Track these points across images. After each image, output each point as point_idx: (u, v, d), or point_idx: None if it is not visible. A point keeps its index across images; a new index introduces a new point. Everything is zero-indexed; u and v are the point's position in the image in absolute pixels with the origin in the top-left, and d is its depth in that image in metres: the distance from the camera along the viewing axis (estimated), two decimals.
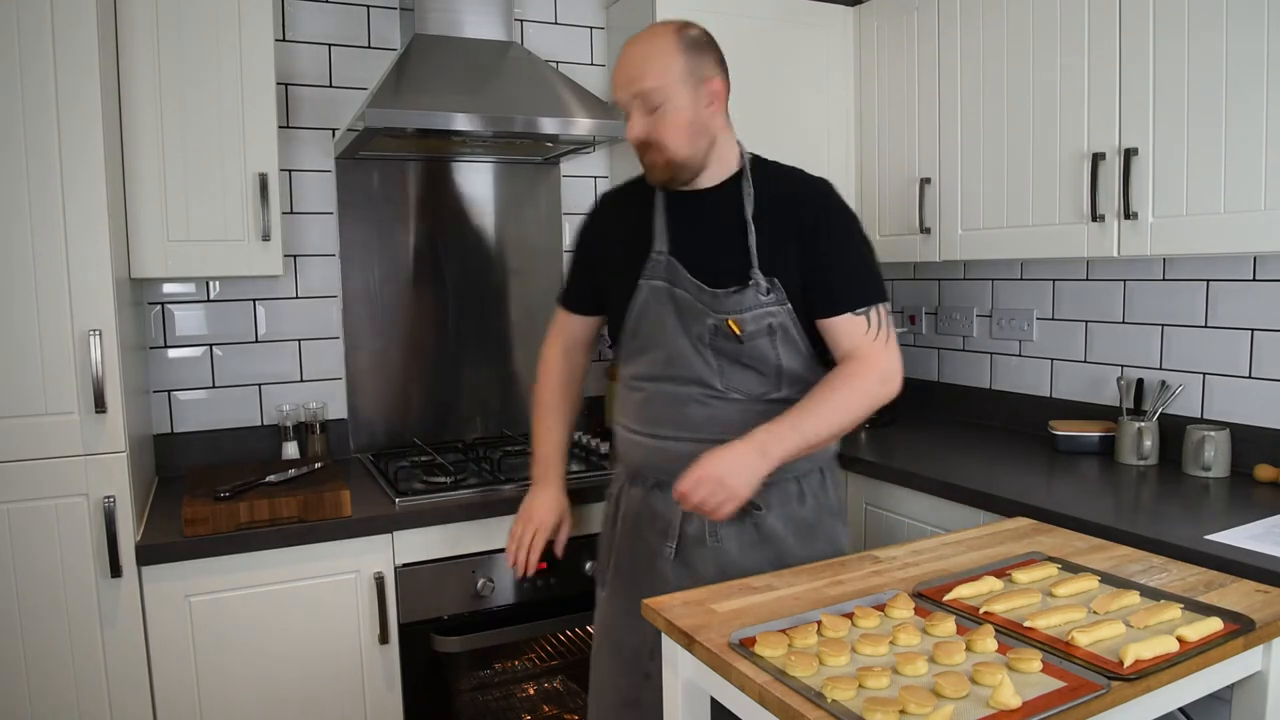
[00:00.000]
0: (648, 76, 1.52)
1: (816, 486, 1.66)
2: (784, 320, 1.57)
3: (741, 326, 1.56)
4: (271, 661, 1.85)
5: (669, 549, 1.63)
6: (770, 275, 1.56)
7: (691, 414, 1.61)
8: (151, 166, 1.93)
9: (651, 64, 1.53)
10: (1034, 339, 2.52)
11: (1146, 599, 1.28)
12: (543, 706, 2.34)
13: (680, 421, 1.62)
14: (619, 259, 1.70)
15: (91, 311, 1.67)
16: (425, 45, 2.22)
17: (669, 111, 1.53)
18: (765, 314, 1.56)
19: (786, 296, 1.56)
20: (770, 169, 1.64)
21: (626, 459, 1.73)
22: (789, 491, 1.62)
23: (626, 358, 1.72)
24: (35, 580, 1.67)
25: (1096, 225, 1.95)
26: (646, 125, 1.54)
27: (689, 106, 1.54)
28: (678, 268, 1.61)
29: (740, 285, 1.56)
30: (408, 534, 1.93)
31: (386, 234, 2.48)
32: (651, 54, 1.53)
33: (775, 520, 1.61)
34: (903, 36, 2.45)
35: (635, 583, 1.66)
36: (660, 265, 1.63)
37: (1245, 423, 2.00)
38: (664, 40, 1.54)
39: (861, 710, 0.98)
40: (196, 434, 2.32)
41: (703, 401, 1.61)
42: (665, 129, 1.53)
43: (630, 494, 1.71)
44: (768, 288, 1.56)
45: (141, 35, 1.90)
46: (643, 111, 1.54)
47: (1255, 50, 1.65)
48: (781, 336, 1.58)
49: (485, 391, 2.61)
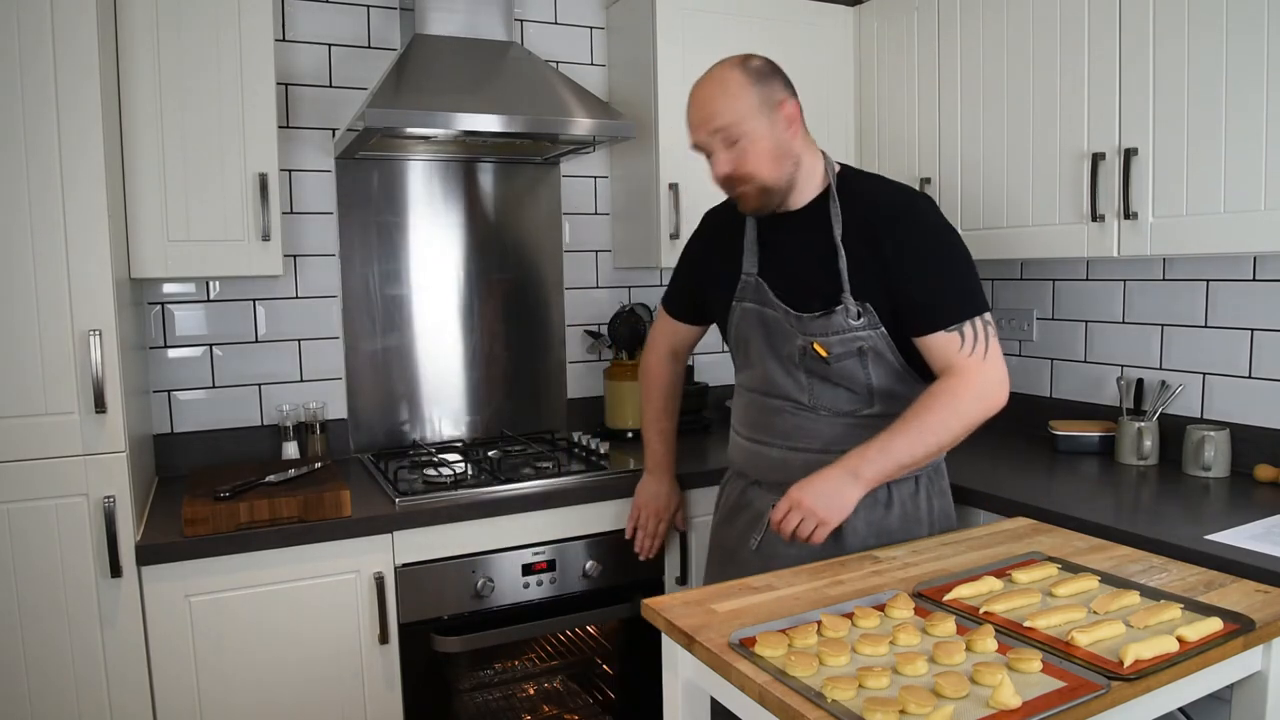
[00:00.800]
0: (722, 114, 1.55)
1: (908, 496, 1.66)
2: (875, 343, 1.58)
3: (828, 349, 1.58)
4: (271, 661, 1.84)
5: (755, 540, 1.70)
6: (861, 299, 1.56)
7: (782, 423, 1.67)
8: (151, 166, 1.93)
9: (724, 101, 1.55)
10: (1034, 339, 2.52)
11: (1146, 599, 1.28)
12: (543, 706, 2.34)
13: (773, 429, 1.69)
14: (716, 278, 1.76)
15: (91, 311, 1.67)
16: (425, 45, 2.22)
17: (749, 144, 1.56)
18: (854, 338, 1.57)
19: (879, 320, 1.56)
20: (858, 184, 1.65)
21: (731, 456, 1.83)
22: (876, 497, 1.62)
23: (737, 367, 1.81)
24: (35, 580, 1.67)
25: (1096, 225, 1.95)
26: (730, 160, 1.57)
27: (768, 134, 1.56)
28: (765, 290, 1.65)
29: (826, 309, 1.57)
30: (408, 534, 1.93)
31: (386, 234, 2.48)
32: (721, 92, 1.56)
33: (859, 524, 1.61)
34: (903, 36, 2.45)
35: (723, 569, 1.77)
36: (750, 287, 1.68)
37: (1245, 423, 2.00)
38: (730, 75, 1.57)
39: (861, 710, 0.98)
40: (196, 434, 2.32)
41: (793, 413, 1.66)
42: (748, 161, 1.56)
43: (732, 486, 1.83)
44: (858, 312, 1.56)
45: (141, 35, 1.90)
46: (724, 148, 1.57)
47: (1255, 50, 1.65)
48: (873, 358, 1.59)
49: (485, 391, 2.61)
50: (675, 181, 2.41)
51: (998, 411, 1.55)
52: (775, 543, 1.65)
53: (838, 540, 1.61)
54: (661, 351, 2.00)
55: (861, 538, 1.62)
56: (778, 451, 1.68)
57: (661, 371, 2.00)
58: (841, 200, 1.61)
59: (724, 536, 1.82)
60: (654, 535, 2.06)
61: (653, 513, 2.05)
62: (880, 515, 1.63)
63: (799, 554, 1.59)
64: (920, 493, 1.67)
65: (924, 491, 1.68)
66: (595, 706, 2.32)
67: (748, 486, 1.77)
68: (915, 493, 1.66)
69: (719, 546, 1.84)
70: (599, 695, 2.32)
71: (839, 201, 1.61)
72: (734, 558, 1.76)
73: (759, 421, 1.71)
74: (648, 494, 2.05)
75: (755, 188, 1.58)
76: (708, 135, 1.58)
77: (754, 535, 1.71)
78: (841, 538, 1.61)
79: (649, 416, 2.03)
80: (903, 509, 1.65)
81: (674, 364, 2.00)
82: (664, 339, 1.99)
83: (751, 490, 1.75)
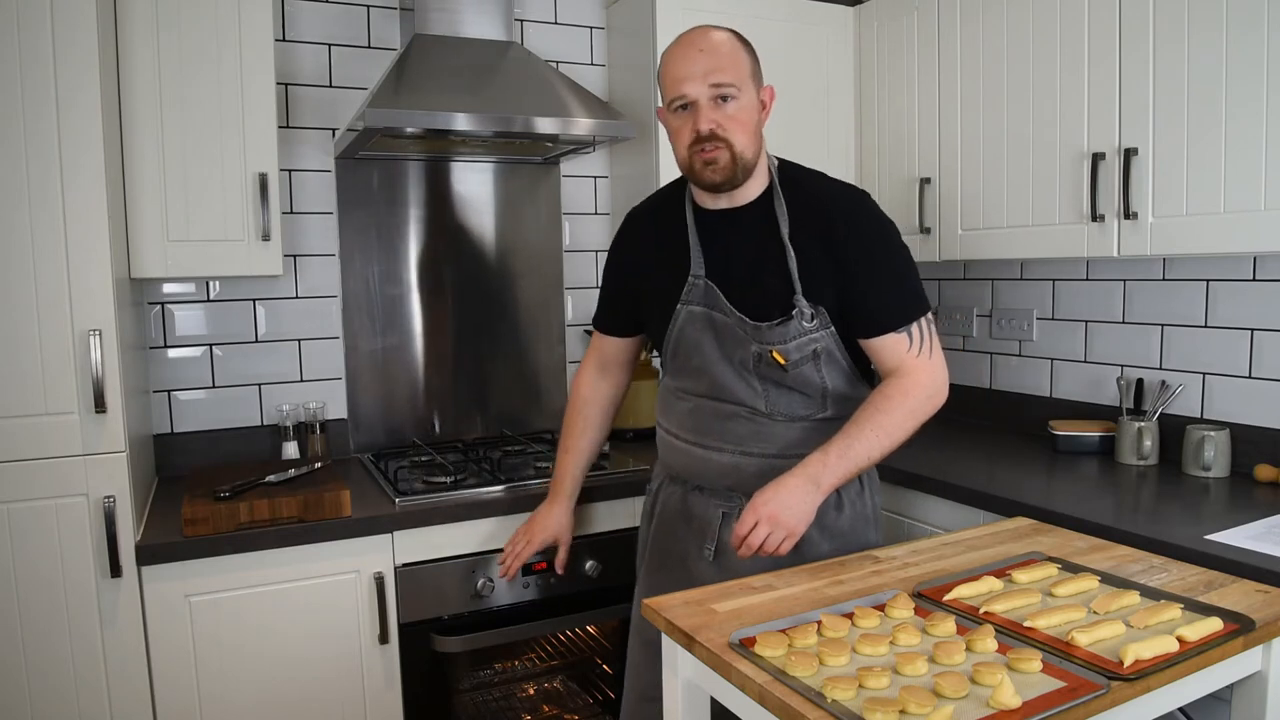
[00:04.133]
0: (727, 70, 1.49)
1: (855, 495, 1.65)
2: (828, 344, 1.56)
3: (786, 356, 1.55)
4: (271, 661, 1.85)
5: (709, 550, 1.64)
6: (813, 299, 1.54)
7: (736, 429, 1.62)
8: (151, 166, 1.93)
9: (730, 58, 1.50)
10: (1034, 339, 2.52)
11: (1146, 599, 1.28)
12: (543, 706, 2.34)
13: (725, 434, 1.62)
14: (655, 280, 1.68)
15: (91, 311, 1.67)
16: (425, 45, 2.22)
17: (737, 109, 1.50)
18: (809, 340, 1.55)
19: (830, 319, 1.55)
20: (799, 180, 1.60)
21: (667, 461, 1.74)
22: (828, 501, 1.59)
23: (672, 372, 1.71)
24: (35, 580, 1.67)
25: (1096, 225, 1.95)
26: (717, 118, 1.50)
27: (753, 106, 1.53)
28: (716, 294, 1.59)
29: (784, 315, 1.54)
30: (408, 534, 1.93)
31: (386, 234, 2.48)
32: (730, 49, 1.51)
33: (812, 529, 1.58)
34: (903, 36, 2.45)
35: (667, 580, 1.68)
36: (698, 290, 1.61)
37: (1245, 423, 2.00)
38: (732, 37, 1.53)
39: (861, 710, 0.98)
40: (196, 434, 2.32)
41: (748, 419, 1.61)
42: (735, 125, 1.50)
43: (668, 492, 1.74)
44: (811, 314, 1.54)
45: (141, 35, 1.90)
46: (713, 106, 1.50)
47: (1255, 50, 1.65)
48: (826, 359, 1.57)
49: (485, 391, 2.61)
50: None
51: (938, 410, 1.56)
52: (732, 551, 1.59)
53: (796, 548, 1.57)
54: (590, 369, 1.89)
55: (815, 542, 1.60)
56: (729, 457, 1.61)
57: (585, 390, 1.88)
58: (785, 196, 1.57)
59: (667, 544, 1.72)
60: (515, 556, 1.88)
61: (523, 534, 1.89)
62: (833, 518, 1.62)
63: (753, 563, 1.56)
64: (865, 490, 1.66)
65: (867, 489, 1.67)
66: (595, 706, 2.32)
67: (688, 492, 1.69)
68: (861, 491, 1.66)
69: (662, 553, 1.73)
70: (599, 695, 2.32)
71: (783, 198, 1.57)
72: (684, 566, 1.67)
73: (707, 427, 1.63)
74: (541, 521, 1.89)
75: (731, 154, 1.51)
76: (705, 87, 1.48)
77: (707, 545, 1.64)
78: (799, 545, 1.57)
79: (562, 434, 1.91)
80: (853, 509, 1.64)
81: (603, 381, 1.89)
82: (592, 355, 1.89)
83: (693, 496, 1.68)
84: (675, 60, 1.52)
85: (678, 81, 1.51)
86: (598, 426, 1.90)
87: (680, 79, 1.51)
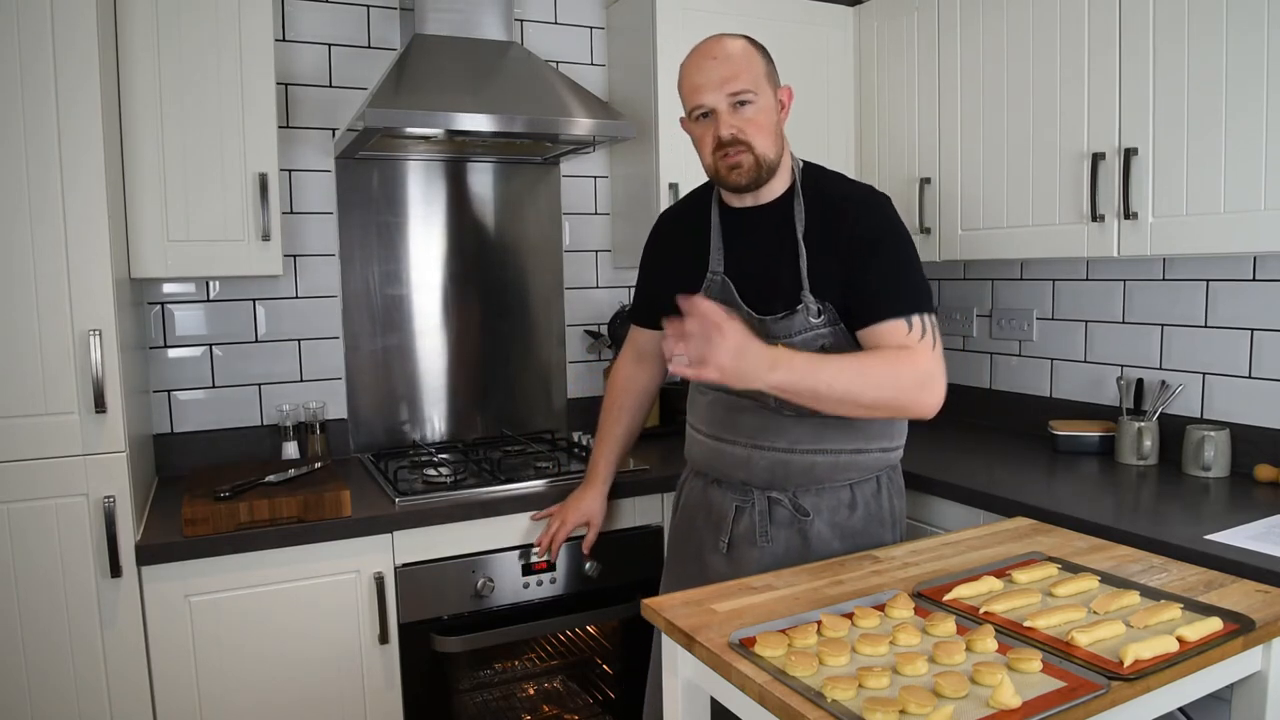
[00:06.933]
0: (743, 77, 1.53)
1: (870, 495, 1.65)
2: (836, 341, 1.57)
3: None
4: (271, 661, 1.84)
5: (722, 543, 1.67)
6: (820, 297, 1.55)
7: (746, 422, 1.64)
8: (151, 166, 1.93)
9: (745, 63, 1.54)
10: (1034, 339, 2.52)
11: (1146, 599, 1.28)
12: (543, 706, 2.34)
13: (737, 427, 1.65)
14: (679, 277, 1.71)
15: (91, 311, 1.67)
16: (425, 45, 2.22)
17: (756, 112, 1.54)
18: (816, 336, 1.56)
19: (838, 316, 1.56)
20: (822, 181, 1.64)
21: (691, 455, 1.79)
22: (840, 499, 1.62)
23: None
24: (35, 580, 1.67)
25: (1096, 225, 1.95)
26: (737, 123, 1.54)
27: (771, 108, 1.57)
28: (731, 290, 1.63)
29: (789, 310, 1.56)
30: (408, 534, 1.93)
31: (386, 234, 2.48)
32: (744, 55, 1.55)
33: (823, 526, 1.62)
34: (903, 36, 2.45)
35: (684, 570, 1.73)
36: (715, 286, 1.65)
37: (1245, 423, 2.00)
38: (745, 43, 1.57)
39: (861, 710, 0.98)
40: (196, 434, 2.32)
41: (757, 412, 1.63)
42: (754, 128, 1.54)
43: (692, 485, 1.78)
44: (818, 310, 1.56)
45: (141, 35, 1.90)
46: (732, 111, 1.54)
47: (1255, 50, 1.65)
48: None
49: (485, 391, 2.61)
50: (675, 181, 2.40)
51: (920, 415, 1.50)
52: (744, 544, 1.64)
53: (805, 542, 1.61)
54: (626, 360, 1.95)
55: (826, 540, 1.61)
56: (742, 449, 1.64)
57: (621, 380, 1.95)
58: (805, 198, 1.60)
59: (685, 537, 1.77)
60: (551, 536, 1.97)
61: (558, 516, 1.98)
62: (845, 516, 1.63)
63: (764, 558, 1.58)
64: (882, 492, 1.67)
65: (885, 491, 1.68)
66: (595, 706, 2.32)
67: (708, 485, 1.73)
68: (877, 492, 1.67)
69: (680, 545, 1.79)
70: (599, 695, 2.32)
71: (803, 199, 1.60)
72: (699, 559, 1.71)
73: (722, 420, 1.67)
74: (576, 504, 1.97)
75: (753, 157, 1.55)
76: (725, 96, 1.53)
77: (721, 538, 1.67)
78: (808, 540, 1.61)
79: (600, 419, 1.97)
80: (866, 509, 1.65)
81: (639, 371, 1.94)
82: (629, 347, 1.95)
83: (712, 490, 1.72)
84: (691, 71, 1.57)
85: (696, 91, 1.56)
86: (633, 415, 1.96)
87: (698, 88, 1.55)
